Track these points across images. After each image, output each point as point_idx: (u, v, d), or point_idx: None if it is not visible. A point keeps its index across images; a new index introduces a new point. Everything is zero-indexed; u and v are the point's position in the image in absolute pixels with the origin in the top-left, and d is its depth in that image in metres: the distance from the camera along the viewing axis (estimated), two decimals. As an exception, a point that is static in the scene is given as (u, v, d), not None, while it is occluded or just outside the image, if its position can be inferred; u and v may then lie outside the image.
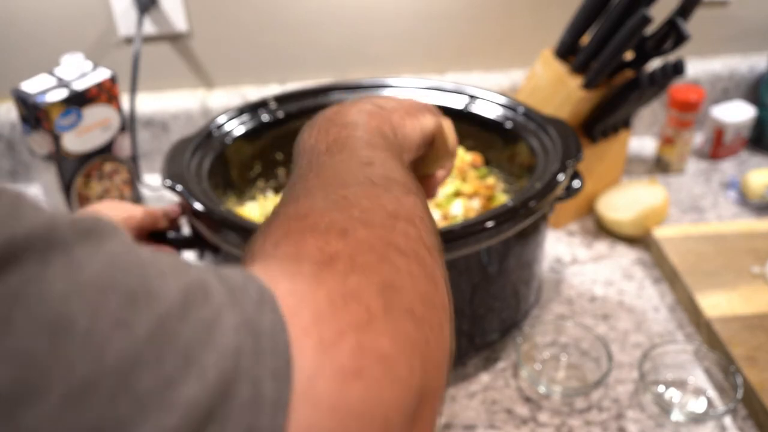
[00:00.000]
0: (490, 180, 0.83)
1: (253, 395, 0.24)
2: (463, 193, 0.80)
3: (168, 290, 0.24)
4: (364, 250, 0.32)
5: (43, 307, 0.20)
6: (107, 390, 0.21)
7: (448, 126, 0.58)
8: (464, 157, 0.83)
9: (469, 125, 0.85)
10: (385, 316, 0.29)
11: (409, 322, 0.30)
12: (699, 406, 0.71)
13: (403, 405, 0.28)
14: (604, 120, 0.91)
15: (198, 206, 0.65)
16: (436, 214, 0.77)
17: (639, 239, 0.93)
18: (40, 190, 1.03)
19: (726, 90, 1.15)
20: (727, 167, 1.10)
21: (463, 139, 0.87)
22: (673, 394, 0.72)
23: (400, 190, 0.40)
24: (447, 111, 0.86)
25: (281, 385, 0.25)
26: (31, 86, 0.87)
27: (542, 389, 0.72)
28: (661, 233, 0.90)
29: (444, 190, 0.80)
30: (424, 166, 0.58)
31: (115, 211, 0.67)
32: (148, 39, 1.03)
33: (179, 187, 0.68)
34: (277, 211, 0.38)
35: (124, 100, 0.95)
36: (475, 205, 0.79)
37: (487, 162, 0.86)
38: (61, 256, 0.22)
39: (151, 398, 0.21)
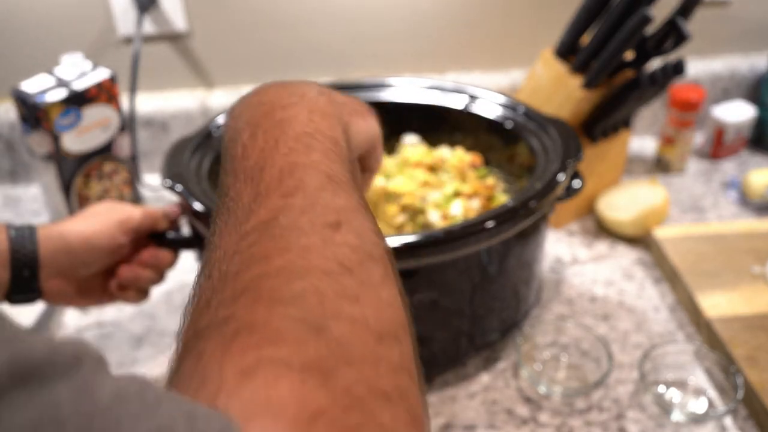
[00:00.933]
0: (490, 180, 0.83)
1: None
2: (463, 193, 0.80)
3: None
4: (349, 405, 0.27)
5: None
6: None
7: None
8: (464, 157, 0.83)
9: (469, 125, 0.85)
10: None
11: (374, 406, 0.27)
12: (699, 406, 0.71)
13: None
14: (604, 120, 0.90)
15: (198, 206, 0.65)
16: (436, 215, 0.77)
17: (639, 239, 0.93)
18: (39, 190, 1.03)
19: (726, 90, 1.15)
20: (728, 167, 1.09)
21: (463, 139, 0.87)
22: (673, 395, 0.72)
23: (377, 277, 0.34)
24: (447, 111, 0.86)
25: None
26: (30, 86, 0.87)
27: (542, 389, 0.72)
28: (661, 233, 0.90)
29: (444, 190, 0.79)
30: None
31: (114, 212, 0.66)
32: (148, 39, 1.03)
33: (179, 187, 0.68)
34: (230, 307, 0.30)
35: (124, 100, 0.95)
36: (475, 206, 0.79)
37: (487, 162, 0.86)
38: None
39: None
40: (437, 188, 0.80)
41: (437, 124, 0.87)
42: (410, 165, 0.82)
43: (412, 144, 0.88)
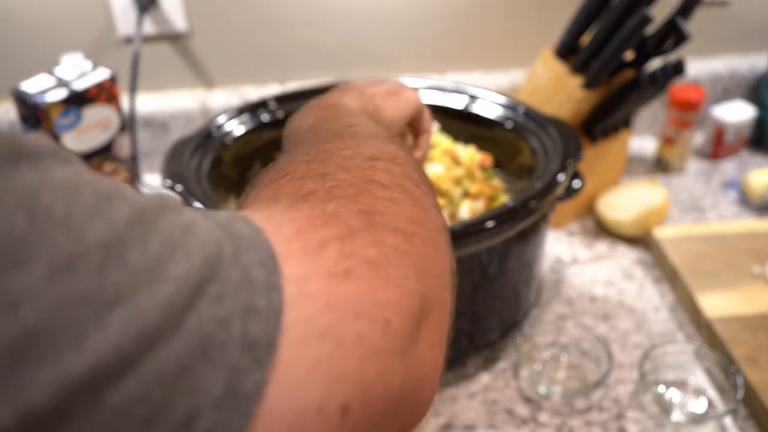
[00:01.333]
0: (495, 181, 0.83)
1: (244, 278, 0.24)
2: (470, 193, 0.80)
3: (141, 197, 0.24)
4: (343, 186, 0.32)
5: (16, 196, 0.20)
6: (95, 262, 0.21)
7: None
8: (474, 156, 0.83)
9: (470, 125, 0.85)
10: (367, 231, 0.29)
11: (397, 237, 0.30)
12: (699, 406, 0.71)
13: (402, 309, 0.28)
14: (604, 120, 0.90)
15: (197, 206, 0.65)
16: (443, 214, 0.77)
17: (639, 239, 0.93)
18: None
19: (726, 90, 1.15)
20: (728, 167, 1.09)
21: (464, 139, 0.87)
22: (673, 395, 0.72)
23: (382, 140, 0.40)
24: (447, 111, 0.86)
25: (270, 272, 0.25)
26: (30, 86, 0.87)
27: (542, 389, 0.72)
28: (661, 233, 0.90)
29: (455, 191, 0.79)
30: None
31: None
32: (148, 39, 1.03)
33: (179, 187, 0.68)
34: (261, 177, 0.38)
35: (124, 100, 0.95)
36: (479, 206, 0.79)
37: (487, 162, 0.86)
38: (30, 162, 0.22)
39: (141, 272, 0.21)
40: (456, 184, 0.80)
41: (438, 122, 0.87)
42: (440, 152, 0.82)
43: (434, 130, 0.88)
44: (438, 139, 0.84)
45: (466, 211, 0.78)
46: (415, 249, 0.30)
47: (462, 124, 0.86)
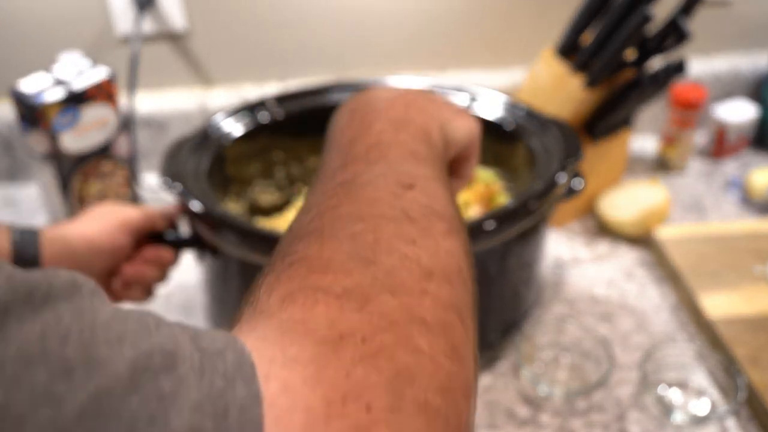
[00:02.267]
0: (495, 182, 0.83)
1: None
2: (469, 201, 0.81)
3: (117, 359, 0.22)
4: (383, 327, 0.28)
5: None
6: None
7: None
8: (486, 176, 0.84)
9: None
10: (388, 417, 0.25)
11: (420, 420, 0.26)
12: (701, 407, 0.71)
13: None
14: (605, 119, 0.90)
15: (196, 206, 0.65)
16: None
17: (640, 239, 0.93)
18: (37, 189, 1.03)
19: (728, 89, 1.15)
20: (730, 167, 1.09)
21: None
22: (675, 395, 0.72)
23: (440, 229, 0.35)
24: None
25: None
26: (28, 85, 0.87)
27: (543, 390, 0.71)
28: (662, 233, 0.89)
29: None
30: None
31: (114, 213, 0.66)
32: (147, 38, 1.03)
33: (177, 187, 0.67)
34: (296, 246, 0.33)
35: (123, 100, 0.95)
36: (476, 210, 0.79)
37: (488, 162, 0.86)
38: None
39: None
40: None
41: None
42: None
43: None
44: None
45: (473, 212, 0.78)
46: None
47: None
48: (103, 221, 0.65)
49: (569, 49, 0.90)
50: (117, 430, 0.21)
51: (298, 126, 0.84)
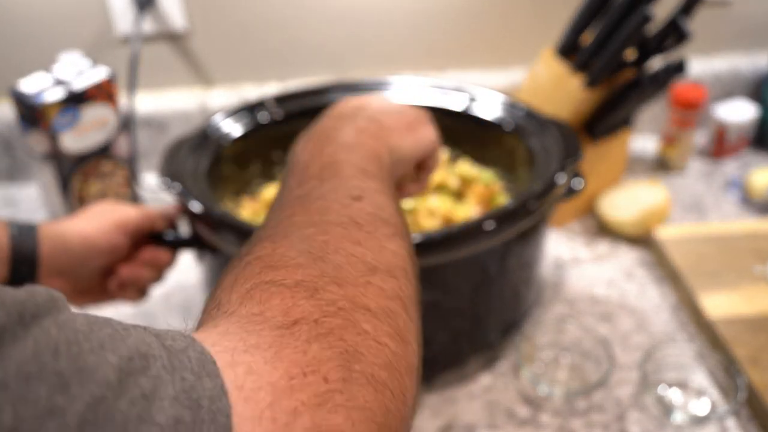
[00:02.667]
0: (495, 182, 0.83)
1: None
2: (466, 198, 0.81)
3: (106, 363, 0.24)
4: (331, 312, 0.31)
5: None
6: None
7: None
8: (486, 176, 0.84)
9: (470, 125, 0.85)
10: (343, 387, 0.29)
11: (369, 391, 0.30)
12: (701, 407, 0.71)
13: None
14: (605, 119, 0.90)
15: (195, 206, 0.65)
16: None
17: (640, 239, 0.93)
18: (37, 189, 1.03)
19: (728, 89, 1.15)
20: (730, 167, 1.09)
21: (463, 139, 0.86)
22: (675, 395, 0.72)
23: (385, 233, 0.39)
24: (447, 110, 0.85)
25: None
26: (28, 85, 0.87)
27: (543, 390, 0.71)
28: (662, 233, 0.89)
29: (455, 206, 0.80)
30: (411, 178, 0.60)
31: (112, 212, 0.66)
32: (147, 38, 1.03)
33: (176, 187, 0.67)
34: (253, 248, 0.36)
35: (122, 100, 0.95)
36: (476, 210, 0.79)
37: (488, 162, 0.86)
38: None
39: None
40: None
41: (437, 123, 0.87)
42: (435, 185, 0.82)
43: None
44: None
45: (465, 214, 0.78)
46: (383, 405, 0.30)
47: (462, 124, 0.85)
48: (101, 220, 0.65)
49: (569, 49, 0.90)
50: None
51: (298, 126, 0.84)
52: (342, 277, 0.34)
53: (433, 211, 0.77)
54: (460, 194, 0.82)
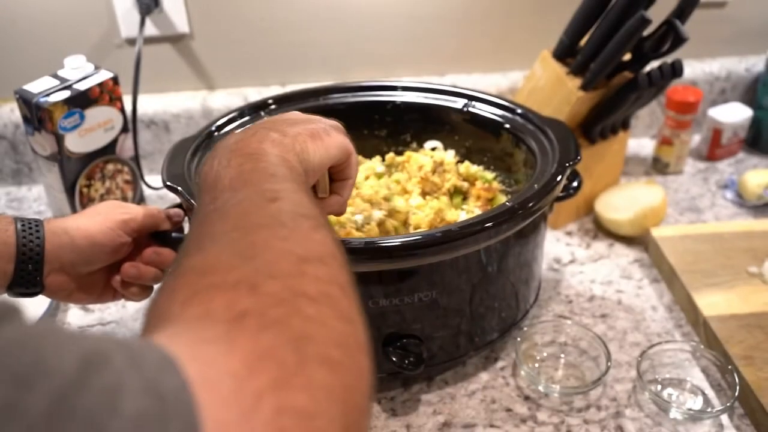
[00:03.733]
0: (494, 182, 0.84)
1: None
2: (466, 196, 0.81)
3: (65, 360, 0.24)
4: (274, 303, 0.32)
5: None
6: None
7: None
8: (486, 176, 0.84)
9: (469, 126, 0.86)
10: (300, 369, 0.30)
11: (326, 370, 0.31)
12: (696, 404, 0.72)
13: None
14: (602, 121, 0.91)
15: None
16: (463, 213, 0.78)
17: (637, 239, 0.94)
18: (43, 190, 1.04)
19: (723, 91, 1.16)
20: (725, 168, 1.10)
21: (463, 140, 0.87)
22: (671, 393, 0.73)
23: (308, 226, 0.40)
24: (446, 112, 0.87)
25: None
26: (34, 87, 0.88)
27: (541, 388, 0.72)
28: (659, 233, 0.90)
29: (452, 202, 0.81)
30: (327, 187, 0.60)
31: (117, 210, 0.67)
32: (150, 40, 1.04)
33: (179, 188, 0.68)
34: (181, 262, 0.37)
35: (127, 101, 0.96)
36: (477, 210, 0.80)
37: (487, 163, 0.87)
38: None
39: None
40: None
41: (436, 125, 0.88)
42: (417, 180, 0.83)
43: (434, 149, 0.88)
44: (421, 160, 0.84)
45: (464, 215, 0.78)
46: (342, 382, 0.31)
47: (461, 125, 0.86)
48: (105, 218, 0.65)
49: (567, 52, 0.91)
50: (80, 426, 0.23)
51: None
52: (277, 271, 0.35)
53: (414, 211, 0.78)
54: (461, 194, 0.83)
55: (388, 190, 0.80)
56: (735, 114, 1.09)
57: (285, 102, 0.85)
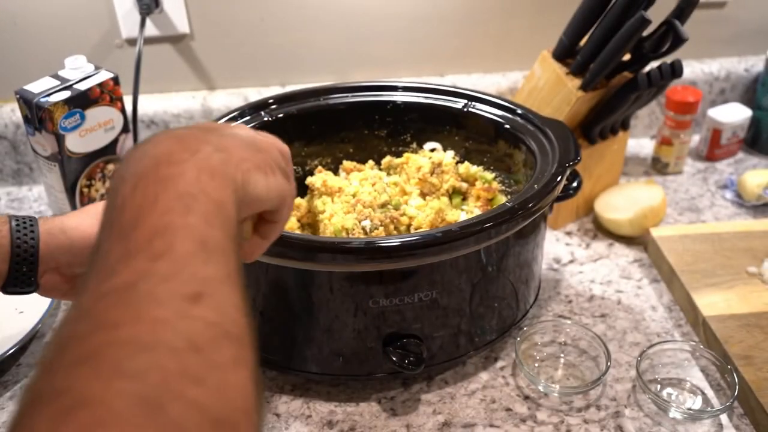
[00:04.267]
0: (494, 183, 0.84)
1: None
2: (466, 196, 0.81)
3: None
4: None
5: None
6: None
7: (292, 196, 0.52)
8: (486, 176, 0.84)
9: (468, 126, 0.86)
10: None
11: None
12: (696, 404, 0.72)
13: None
14: (602, 121, 0.91)
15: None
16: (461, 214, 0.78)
17: (637, 239, 0.94)
18: (43, 190, 1.04)
19: (723, 91, 1.16)
20: (724, 168, 1.10)
21: (463, 141, 0.88)
22: (670, 393, 0.73)
23: (229, 357, 0.33)
24: (446, 112, 0.87)
25: None
26: (34, 87, 0.88)
27: (541, 388, 0.73)
28: (658, 233, 0.91)
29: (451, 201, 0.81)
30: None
31: None
32: (151, 41, 1.04)
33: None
34: (72, 378, 0.29)
35: (127, 101, 0.96)
36: (476, 211, 0.80)
37: (487, 163, 0.87)
38: None
39: None
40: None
41: (436, 125, 0.88)
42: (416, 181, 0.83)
43: (433, 150, 0.88)
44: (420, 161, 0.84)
45: (464, 216, 0.79)
46: None
47: (461, 125, 0.87)
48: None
49: (567, 52, 0.91)
50: None
51: (299, 128, 0.86)
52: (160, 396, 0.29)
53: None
54: (460, 195, 0.83)
55: (387, 195, 0.80)
56: (734, 114, 1.10)
57: (285, 102, 0.86)
